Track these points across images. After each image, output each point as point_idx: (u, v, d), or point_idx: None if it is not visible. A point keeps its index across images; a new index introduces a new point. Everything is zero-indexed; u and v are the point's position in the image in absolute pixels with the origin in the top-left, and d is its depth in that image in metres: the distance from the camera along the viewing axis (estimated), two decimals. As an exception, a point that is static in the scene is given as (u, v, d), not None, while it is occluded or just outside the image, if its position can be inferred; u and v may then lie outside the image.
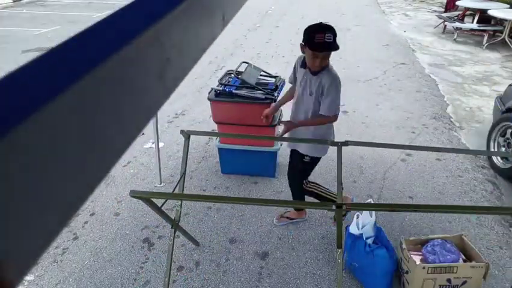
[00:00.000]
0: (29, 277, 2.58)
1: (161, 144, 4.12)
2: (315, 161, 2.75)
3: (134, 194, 1.83)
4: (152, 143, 3.90)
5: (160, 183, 3.55)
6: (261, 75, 3.52)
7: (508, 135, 3.70)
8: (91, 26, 0.25)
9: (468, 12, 9.17)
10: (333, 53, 2.46)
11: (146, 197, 1.90)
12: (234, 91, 3.24)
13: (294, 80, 2.69)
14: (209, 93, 3.36)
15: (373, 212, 2.54)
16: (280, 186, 3.54)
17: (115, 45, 0.24)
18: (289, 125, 2.64)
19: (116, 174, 3.69)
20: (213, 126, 4.24)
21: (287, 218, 3.09)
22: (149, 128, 3.48)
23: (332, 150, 2.60)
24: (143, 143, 4.20)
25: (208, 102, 3.37)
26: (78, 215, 3.14)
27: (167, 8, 0.30)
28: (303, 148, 2.67)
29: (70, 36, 0.24)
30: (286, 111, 4.30)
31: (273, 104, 2.99)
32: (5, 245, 0.17)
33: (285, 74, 6.44)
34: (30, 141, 0.17)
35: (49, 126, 0.19)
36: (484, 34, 8.23)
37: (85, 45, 0.24)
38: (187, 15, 0.34)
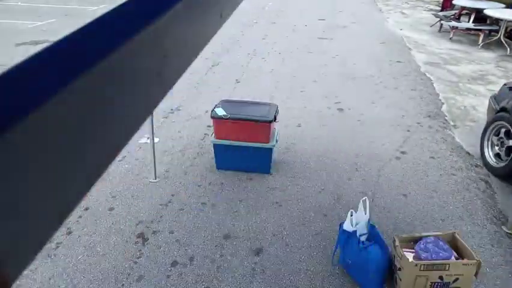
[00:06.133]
0: (22, 271, 2.57)
1: (156, 140, 4.11)
2: None
3: None
4: (148, 138, 3.89)
5: (155, 179, 3.54)
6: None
7: (501, 134, 3.72)
8: (88, 24, 0.25)
9: (464, 12, 9.19)
10: (329, 50, 2.44)
11: None
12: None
13: None
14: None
15: (367, 210, 2.55)
16: (275, 183, 3.54)
17: (113, 42, 0.24)
18: None
19: (111, 169, 3.68)
20: (209, 122, 4.23)
21: None
22: (144, 123, 3.45)
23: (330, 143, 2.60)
24: (139, 138, 4.18)
25: (204, 97, 3.36)
26: (72, 210, 3.12)
27: (165, 5, 0.30)
28: None
29: (67, 35, 0.24)
30: (284, 110, 4.31)
31: None
32: (3, 243, 0.17)
33: (281, 70, 6.46)
34: (29, 138, 0.17)
35: (48, 124, 0.19)
36: (480, 33, 8.26)
37: (82, 44, 0.24)
38: (185, 13, 0.34)
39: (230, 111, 3.48)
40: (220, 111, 3.47)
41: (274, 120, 3.49)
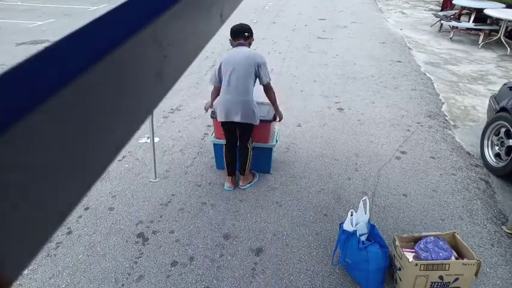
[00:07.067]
0: (22, 271, 2.57)
1: (156, 139, 4.11)
2: None
3: None
4: (148, 138, 3.90)
5: (155, 178, 3.55)
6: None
7: (501, 134, 3.73)
8: (88, 24, 0.25)
9: (464, 11, 9.20)
10: (329, 50, 2.44)
11: None
12: None
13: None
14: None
15: (367, 210, 2.55)
16: (275, 182, 3.54)
17: (113, 42, 0.24)
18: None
19: (111, 169, 3.68)
20: (209, 122, 4.24)
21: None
22: (144, 123, 3.46)
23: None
24: (139, 138, 4.19)
25: (204, 97, 3.36)
26: (72, 210, 3.12)
27: (165, 5, 0.30)
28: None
29: (66, 34, 0.24)
30: (284, 110, 4.31)
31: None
32: (3, 243, 0.17)
33: (281, 69, 6.45)
34: (29, 138, 0.18)
35: (48, 124, 0.19)
36: (480, 33, 8.26)
37: (81, 43, 0.24)
38: (185, 13, 0.34)
39: (230, 111, 3.48)
40: None
41: (274, 120, 3.49)
